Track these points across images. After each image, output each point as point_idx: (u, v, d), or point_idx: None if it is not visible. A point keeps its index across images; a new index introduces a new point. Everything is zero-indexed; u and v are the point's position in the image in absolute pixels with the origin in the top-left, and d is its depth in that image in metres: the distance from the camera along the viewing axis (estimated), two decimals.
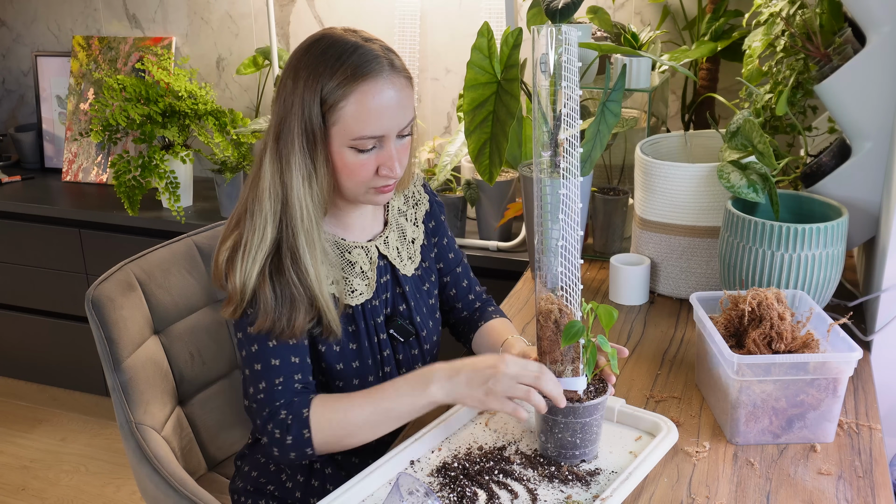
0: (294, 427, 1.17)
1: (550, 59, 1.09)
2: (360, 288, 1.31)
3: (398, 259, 1.38)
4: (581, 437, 1.16)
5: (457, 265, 1.51)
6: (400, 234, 1.40)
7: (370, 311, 1.33)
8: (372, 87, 1.17)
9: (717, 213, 1.63)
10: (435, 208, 1.48)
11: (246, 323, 1.23)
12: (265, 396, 1.21)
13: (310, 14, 2.66)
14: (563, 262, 1.12)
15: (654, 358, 1.50)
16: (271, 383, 1.21)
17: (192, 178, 2.74)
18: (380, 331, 1.34)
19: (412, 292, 1.39)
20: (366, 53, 1.18)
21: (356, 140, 1.19)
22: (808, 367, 1.19)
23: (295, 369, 1.23)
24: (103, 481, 2.61)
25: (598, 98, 1.97)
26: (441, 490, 1.13)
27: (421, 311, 1.40)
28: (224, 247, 1.24)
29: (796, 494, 1.12)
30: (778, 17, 1.68)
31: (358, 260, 1.32)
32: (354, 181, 1.23)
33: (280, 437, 1.18)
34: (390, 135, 1.21)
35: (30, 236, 2.83)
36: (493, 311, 1.51)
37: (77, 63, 3.04)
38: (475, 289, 1.54)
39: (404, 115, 1.21)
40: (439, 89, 2.59)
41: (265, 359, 1.22)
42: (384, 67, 1.18)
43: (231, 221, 1.27)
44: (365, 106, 1.17)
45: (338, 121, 1.18)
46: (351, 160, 1.20)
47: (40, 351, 3.03)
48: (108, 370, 1.42)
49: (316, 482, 1.38)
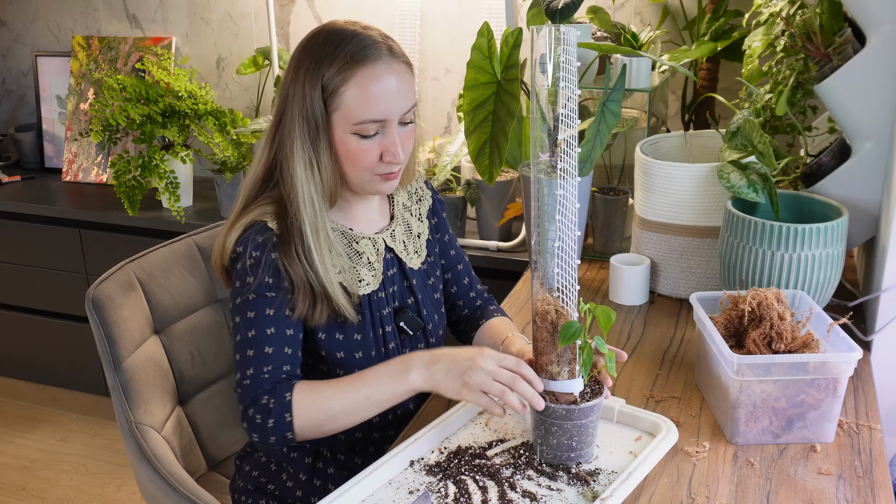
0: (275, 410, 1.18)
1: (549, 60, 1.09)
2: (366, 278, 1.32)
3: (405, 252, 1.38)
4: (577, 440, 1.15)
5: (458, 262, 1.52)
6: (406, 228, 1.41)
7: (376, 303, 1.33)
8: (371, 70, 1.19)
9: (717, 213, 1.63)
10: (437, 205, 1.49)
11: (247, 290, 1.23)
12: (251, 383, 1.21)
13: (310, 14, 2.66)
14: (559, 262, 1.11)
15: (654, 358, 1.50)
16: (259, 370, 1.21)
17: (192, 178, 2.75)
18: (385, 323, 1.34)
19: (419, 286, 1.40)
20: (364, 39, 1.20)
21: (358, 125, 1.20)
22: (808, 367, 1.19)
23: (286, 360, 1.23)
24: (103, 481, 2.61)
25: (598, 98, 1.97)
26: (440, 490, 1.13)
27: (428, 305, 1.41)
28: (236, 227, 1.25)
29: (796, 494, 1.12)
30: (778, 17, 1.68)
31: (365, 250, 1.33)
32: (358, 167, 1.24)
33: (261, 422, 1.18)
34: (392, 119, 1.22)
35: (30, 236, 2.83)
36: (495, 309, 1.51)
37: (77, 63, 3.04)
38: (476, 287, 1.55)
39: (405, 99, 1.23)
40: (439, 89, 2.59)
41: (260, 345, 1.22)
42: (383, 52, 1.20)
43: (237, 207, 1.29)
44: (366, 90, 1.19)
45: (339, 106, 1.20)
46: (354, 146, 1.22)
47: (40, 351, 3.03)
48: (109, 370, 1.42)
49: (318, 482, 1.38)
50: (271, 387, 1.20)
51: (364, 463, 1.29)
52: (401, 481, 1.16)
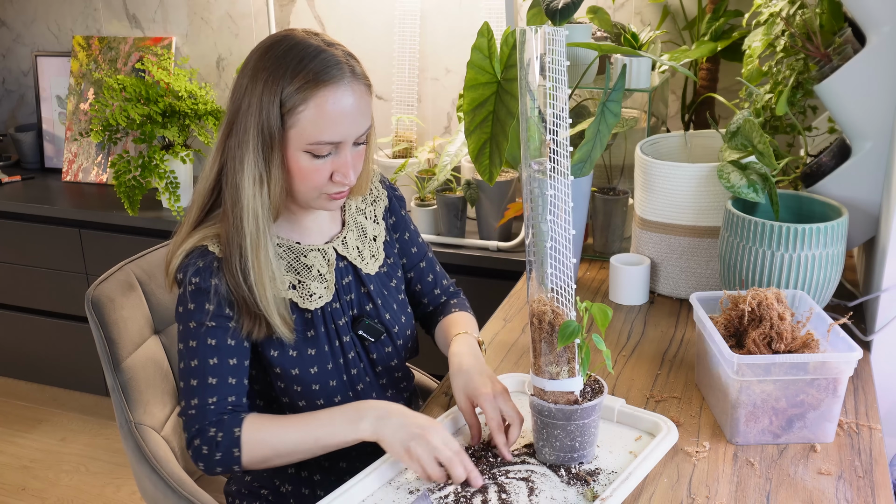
0: (223, 444, 1.18)
1: (535, 57, 1.09)
2: (318, 291, 1.30)
3: (359, 258, 1.37)
4: (580, 440, 1.15)
5: (420, 260, 1.50)
6: (360, 232, 1.39)
7: (330, 315, 1.32)
8: (333, 93, 1.16)
9: (717, 213, 1.63)
10: (394, 203, 1.46)
11: (188, 318, 1.21)
12: (196, 413, 1.20)
13: (310, 14, 2.66)
14: (553, 262, 1.11)
15: (654, 358, 1.50)
16: (204, 402, 1.20)
17: (192, 178, 2.74)
18: (342, 333, 1.33)
19: (378, 290, 1.38)
20: (328, 59, 1.17)
21: (313, 145, 1.18)
22: (808, 367, 1.19)
23: (230, 391, 1.22)
24: (103, 481, 2.61)
25: (598, 98, 1.97)
26: (439, 490, 1.13)
27: (391, 308, 1.39)
28: (178, 252, 1.23)
29: (796, 494, 1.12)
30: (778, 17, 1.68)
31: (314, 263, 1.31)
32: (307, 186, 1.22)
33: (208, 453, 1.19)
34: (347, 141, 1.20)
35: (30, 236, 2.83)
36: (456, 304, 1.50)
37: (77, 63, 3.04)
38: (442, 283, 1.53)
39: (362, 122, 1.21)
40: (439, 89, 2.59)
41: (203, 376, 1.21)
42: (345, 74, 1.18)
43: (190, 220, 1.26)
44: (324, 111, 1.16)
45: (295, 124, 1.17)
46: (305, 164, 1.20)
47: (40, 351, 3.03)
48: (108, 370, 1.42)
49: (306, 490, 1.38)
50: (217, 419, 1.20)
51: (348, 467, 1.28)
52: (401, 481, 1.16)
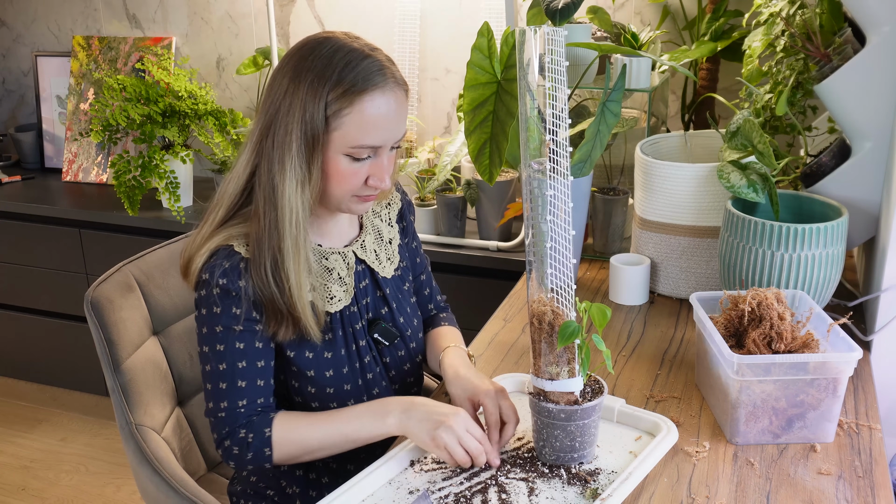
0: (255, 444, 1.21)
1: (534, 56, 1.09)
2: (338, 294, 1.31)
3: (376, 262, 1.37)
4: (580, 440, 1.15)
5: (421, 272, 1.51)
6: (377, 235, 1.40)
7: (348, 318, 1.32)
8: (378, 97, 1.18)
9: (717, 213, 1.63)
10: (405, 209, 1.47)
11: (215, 322, 1.21)
12: (227, 416, 1.22)
13: (310, 14, 2.66)
14: (553, 263, 1.11)
15: (654, 358, 1.50)
16: (234, 404, 1.22)
17: (192, 178, 2.74)
18: (359, 337, 1.33)
19: (393, 294, 1.39)
20: (373, 64, 1.19)
21: (354, 148, 1.19)
22: (808, 367, 1.19)
23: (259, 393, 1.24)
24: (103, 481, 2.61)
25: (598, 98, 1.97)
26: (440, 489, 1.13)
27: (405, 312, 1.40)
28: (202, 250, 1.23)
29: (796, 494, 1.12)
30: (778, 17, 1.68)
31: (336, 266, 1.32)
32: (343, 189, 1.23)
33: (239, 453, 1.21)
34: (386, 146, 1.22)
35: (30, 236, 2.83)
36: (445, 318, 1.52)
37: (77, 63, 3.04)
38: (436, 297, 1.55)
39: (401, 127, 1.23)
40: (439, 89, 2.59)
41: (232, 379, 1.22)
42: (388, 80, 1.20)
43: (216, 219, 1.25)
44: (369, 116, 1.18)
45: (339, 127, 1.18)
46: (345, 167, 1.21)
47: (40, 351, 3.03)
48: (108, 372, 1.42)
49: (314, 493, 1.38)
50: (248, 421, 1.22)
51: (356, 469, 1.28)
52: (401, 481, 1.16)
